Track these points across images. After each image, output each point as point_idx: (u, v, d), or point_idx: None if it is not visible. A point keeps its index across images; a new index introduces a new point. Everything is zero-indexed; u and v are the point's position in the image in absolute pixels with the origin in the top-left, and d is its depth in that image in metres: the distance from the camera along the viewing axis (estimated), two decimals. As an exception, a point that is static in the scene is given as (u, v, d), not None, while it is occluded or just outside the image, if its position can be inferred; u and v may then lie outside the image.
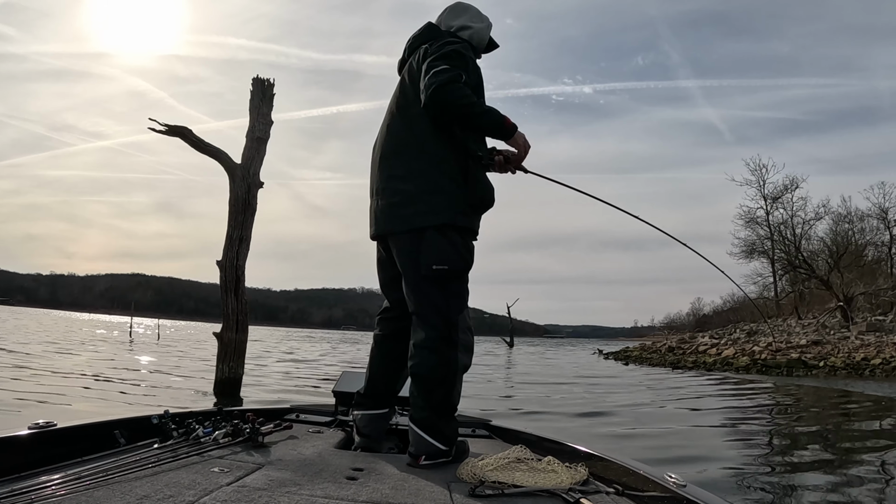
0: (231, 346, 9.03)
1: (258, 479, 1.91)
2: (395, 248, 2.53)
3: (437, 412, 2.38)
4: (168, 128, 9.10)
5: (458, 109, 2.36)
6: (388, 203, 2.50)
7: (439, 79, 2.33)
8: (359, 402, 2.72)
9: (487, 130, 2.53)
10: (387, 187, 2.53)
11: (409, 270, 2.47)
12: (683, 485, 1.90)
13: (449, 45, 2.49)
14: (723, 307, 58.52)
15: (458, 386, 2.47)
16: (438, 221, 2.40)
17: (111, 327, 46.37)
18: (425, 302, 2.44)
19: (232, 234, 9.15)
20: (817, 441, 6.97)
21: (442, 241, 2.40)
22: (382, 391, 2.71)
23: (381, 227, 2.56)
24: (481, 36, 2.80)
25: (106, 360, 14.68)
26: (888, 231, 41.33)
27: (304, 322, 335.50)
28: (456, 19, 2.78)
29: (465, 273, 2.49)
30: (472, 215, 2.52)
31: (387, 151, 2.58)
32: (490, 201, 2.57)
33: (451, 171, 2.45)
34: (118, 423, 2.34)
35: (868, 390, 14.17)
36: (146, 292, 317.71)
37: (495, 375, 17.21)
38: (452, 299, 2.44)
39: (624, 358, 33.03)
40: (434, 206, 2.41)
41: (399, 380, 2.75)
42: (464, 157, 2.49)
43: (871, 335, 25.62)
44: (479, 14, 2.82)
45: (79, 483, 1.68)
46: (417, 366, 2.41)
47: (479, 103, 2.41)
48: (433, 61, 2.41)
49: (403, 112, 2.58)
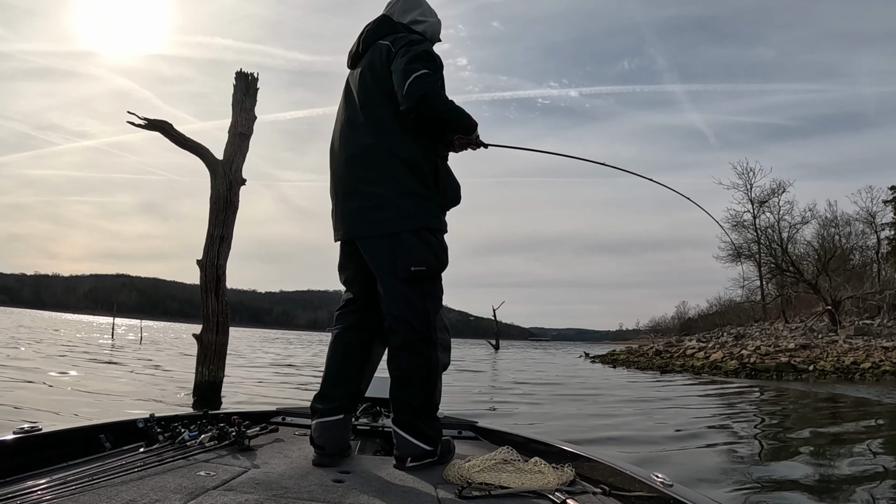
0: (211, 349, 8.77)
1: (244, 482, 1.91)
2: (368, 253, 2.48)
3: (419, 414, 2.37)
4: (148, 122, 8.83)
5: (441, 116, 2.41)
6: (360, 206, 2.47)
7: (423, 86, 2.32)
8: (312, 407, 2.52)
9: (459, 130, 2.57)
10: (356, 190, 2.49)
11: (385, 274, 2.43)
12: (670, 485, 1.89)
13: (419, 45, 2.47)
14: (708, 311, 58.81)
15: (440, 386, 2.47)
16: (414, 225, 2.40)
17: (93, 329, 45.64)
18: (404, 304, 2.40)
19: (213, 232, 8.86)
20: (810, 444, 6.93)
21: (418, 243, 2.39)
22: (339, 393, 2.51)
23: (352, 230, 2.52)
24: (434, 31, 2.79)
25: (84, 363, 14.27)
26: (875, 235, 41.70)
27: (289, 324, 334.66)
28: (410, 13, 2.73)
29: (440, 273, 2.49)
30: (443, 214, 2.54)
31: (353, 153, 2.53)
32: (458, 200, 2.62)
33: (422, 174, 2.45)
34: (104, 427, 2.31)
35: (858, 394, 14.16)
36: (130, 293, 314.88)
37: (505, 381, 16.94)
38: (429, 300, 2.43)
39: (611, 361, 32.86)
40: (408, 209, 2.40)
41: (362, 378, 2.59)
42: (433, 158, 2.51)
43: (860, 339, 25.63)
44: (431, 9, 2.81)
45: (64, 488, 1.68)
46: (398, 368, 2.40)
47: (457, 108, 2.45)
48: (410, 64, 2.37)
49: (367, 111, 2.53)
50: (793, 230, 40.90)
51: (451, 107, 2.42)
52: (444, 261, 2.48)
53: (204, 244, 8.86)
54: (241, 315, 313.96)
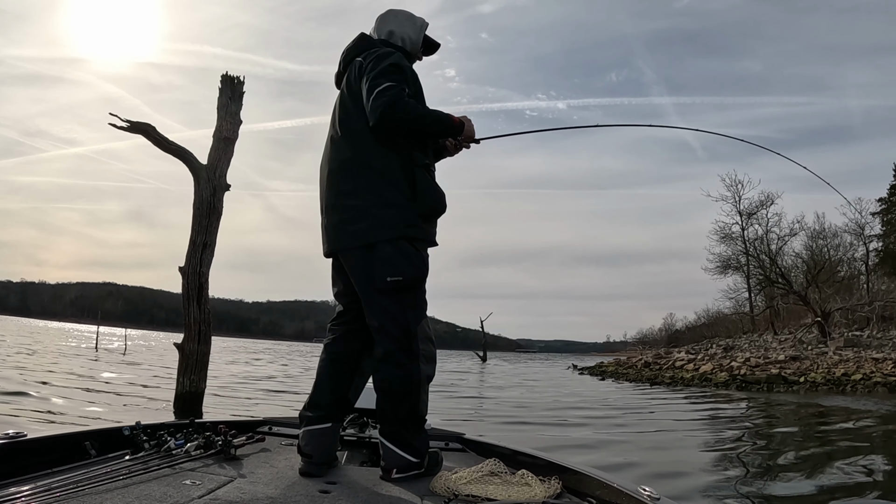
0: (193, 358, 8.50)
1: (230, 491, 1.91)
2: (348, 265, 2.51)
3: (404, 425, 2.38)
4: (130, 124, 8.59)
5: (410, 124, 2.41)
6: (339, 219, 2.50)
7: (384, 100, 2.34)
8: (301, 416, 2.54)
9: (441, 134, 2.60)
10: (336, 204, 2.53)
11: (363, 285, 2.44)
12: (657, 498, 1.89)
13: (385, 60, 2.48)
14: (696, 322, 58.92)
15: (424, 396, 2.46)
16: (390, 235, 2.39)
17: (78, 338, 45.03)
18: (383, 315, 2.41)
19: (196, 239, 8.62)
20: (802, 457, 6.94)
21: (394, 252, 2.39)
22: (327, 401, 2.53)
23: (333, 244, 2.55)
24: (414, 39, 2.79)
25: (66, 373, 13.97)
26: (864, 246, 41.94)
27: (276, 334, 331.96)
28: (386, 26, 2.76)
29: (420, 283, 2.48)
30: (424, 224, 2.50)
31: (333, 168, 2.58)
32: (441, 208, 2.56)
33: (398, 183, 2.44)
34: (89, 434, 2.31)
35: (849, 405, 14.15)
36: (117, 302, 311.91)
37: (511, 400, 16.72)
38: (410, 311, 2.42)
39: (600, 373, 32.77)
40: (384, 219, 2.40)
41: (349, 387, 2.60)
42: (410, 167, 2.47)
43: (849, 350, 25.64)
44: (411, 17, 2.81)
45: (49, 495, 1.67)
46: (381, 380, 2.41)
47: (427, 113, 2.46)
48: (374, 79, 2.41)
49: (344, 126, 2.58)
50: (781, 242, 41.17)
51: (420, 113, 2.42)
52: (422, 270, 2.47)
53: (186, 251, 8.62)
54: (227, 325, 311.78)
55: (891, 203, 42.97)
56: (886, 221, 42.40)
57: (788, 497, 4.87)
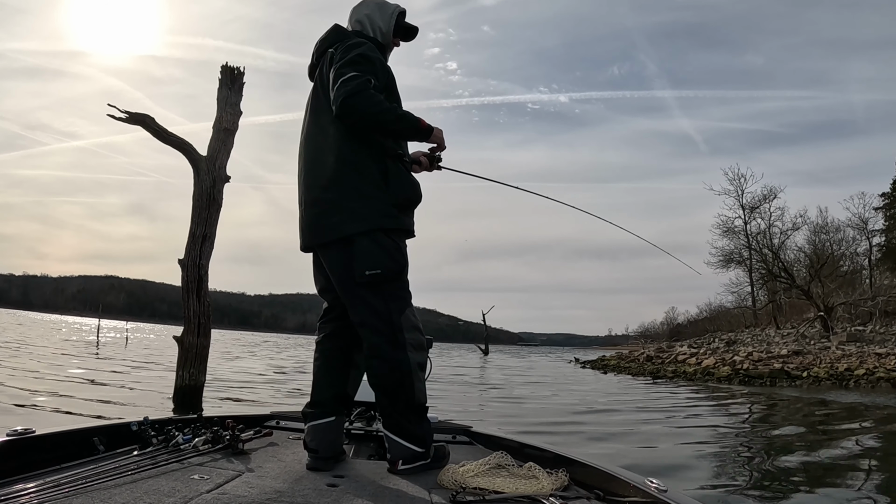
0: (192, 352, 8.47)
1: (238, 486, 1.91)
2: (326, 259, 2.50)
3: (405, 415, 2.39)
4: (129, 115, 8.51)
5: (370, 118, 2.35)
6: (313, 213, 2.50)
7: (347, 88, 2.30)
8: (303, 413, 2.56)
9: (404, 135, 2.55)
10: (310, 198, 2.52)
11: (342, 280, 2.44)
12: (665, 490, 1.88)
13: (354, 49, 2.46)
14: (698, 316, 58.84)
15: (421, 384, 2.45)
16: (365, 227, 2.38)
17: (80, 331, 45.05)
18: (365, 309, 2.41)
19: (195, 231, 8.57)
20: (807, 450, 6.97)
21: (371, 245, 2.38)
22: (326, 397, 2.56)
23: (308, 238, 2.54)
24: (385, 29, 2.73)
25: (66, 367, 13.99)
26: (867, 240, 41.79)
27: (277, 327, 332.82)
28: (357, 15, 2.74)
29: (399, 274, 2.46)
30: (400, 215, 2.48)
31: (307, 161, 2.57)
32: (416, 198, 2.56)
33: (371, 175, 2.43)
34: (97, 429, 2.32)
35: (853, 400, 14.12)
36: (119, 295, 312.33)
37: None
38: (391, 302, 2.41)
39: (602, 367, 32.64)
40: (358, 212, 2.39)
41: (346, 382, 2.62)
42: (382, 159, 2.46)
43: (852, 345, 25.60)
44: (383, 5, 2.76)
45: (57, 490, 1.67)
46: (373, 375, 2.42)
47: (391, 109, 2.39)
48: (340, 69, 2.39)
49: (317, 119, 2.58)
50: (784, 236, 41.08)
51: (385, 108, 2.36)
52: (400, 262, 2.45)
53: (186, 243, 8.56)
54: (229, 318, 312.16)
55: (894, 198, 42.68)
56: (889, 216, 42.17)
57: (793, 490, 4.88)
